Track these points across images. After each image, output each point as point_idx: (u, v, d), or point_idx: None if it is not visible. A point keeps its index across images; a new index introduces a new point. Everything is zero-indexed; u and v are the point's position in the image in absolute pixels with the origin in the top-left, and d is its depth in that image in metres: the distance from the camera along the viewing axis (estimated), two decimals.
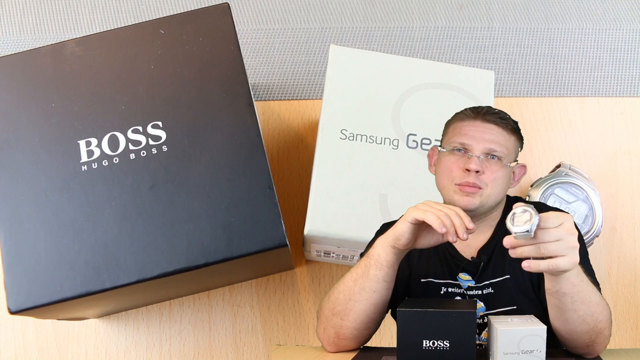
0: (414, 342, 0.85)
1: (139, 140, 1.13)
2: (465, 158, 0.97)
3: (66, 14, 1.62)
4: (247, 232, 1.09)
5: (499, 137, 0.97)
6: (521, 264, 0.79)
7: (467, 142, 0.97)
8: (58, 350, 1.39)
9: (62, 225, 1.09)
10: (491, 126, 0.98)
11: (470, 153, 0.96)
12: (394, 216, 1.21)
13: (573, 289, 0.83)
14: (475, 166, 0.95)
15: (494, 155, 0.97)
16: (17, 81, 1.15)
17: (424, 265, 1.02)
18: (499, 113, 1.00)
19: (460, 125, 1.00)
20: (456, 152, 0.98)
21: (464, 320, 0.84)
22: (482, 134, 0.97)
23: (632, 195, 1.49)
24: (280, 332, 1.41)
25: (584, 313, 0.86)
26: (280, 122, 1.53)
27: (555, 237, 0.76)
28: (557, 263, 0.77)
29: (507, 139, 0.98)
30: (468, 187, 0.95)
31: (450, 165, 0.97)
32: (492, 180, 0.96)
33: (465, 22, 1.63)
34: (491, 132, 0.97)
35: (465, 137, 0.98)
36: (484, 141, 0.97)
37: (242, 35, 1.60)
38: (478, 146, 0.97)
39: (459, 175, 0.96)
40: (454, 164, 0.97)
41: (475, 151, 0.96)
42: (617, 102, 1.56)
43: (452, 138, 0.99)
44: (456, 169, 0.97)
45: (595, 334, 0.88)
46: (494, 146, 0.97)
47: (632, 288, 1.45)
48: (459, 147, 0.97)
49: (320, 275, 1.44)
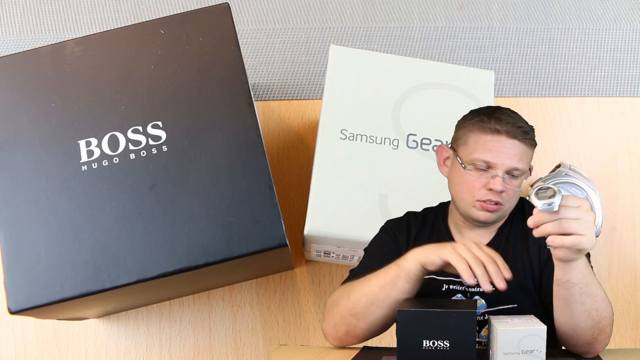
0: (414, 342, 0.85)
1: (139, 140, 1.13)
2: (488, 176, 0.95)
3: (66, 14, 1.62)
4: (247, 232, 1.09)
5: (521, 154, 0.96)
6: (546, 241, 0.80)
7: (492, 161, 0.95)
8: (58, 350, 1.39)
9: (62, 225, 1.09)
10: (515, 143, 0.95)
11: (494, 173, 0.95)
12: (394, 216, 1.21)
13: (582, 280, 0.84)
14: (501, 187, 0.94)
15: (515, 175, 0.96)
16: (17, 81, 1.15)
17: None
18: (522, 126, 0.97)
19: (484, 139, 0.96)
20: (479, 170, 0.96)
21: (464, 320, 0.84)
22: (507, 151, 0.95)
23: (632, 195, 1.49)
24: (280, 332, 1.41)
25: (590, 307, 0.86)
26: (280, 122, 1.53)
27: (576, 216, 0.78)
28: (579, 240, 0.78)
29: (528, 154, 0.97)
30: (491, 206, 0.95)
31: (472, 182, 0.96)
32: (512, 196, 0.97)
33: (465, 22, 1.63)
34: (514, 150, 0.95)
35: (489, 154, 0.95)
36: (508, 160, 0.95)
37: (242, 35, 1.60)
38: (503, 165, 0.95)
39: (482, 193, 0.96)
40: (477, 181, 0.96)
41: (500, 171, 0.95)
42: (617, 102, 1.56)
43: (475, 153, 0.96)
44: (479, 186, 0.96)
45: (599, 330, 0.88)
46: (517, 165, 0.95)
47: (632, 288, 1.45)
48: (483, 166, 0.96)
49: (320, 275, 1.44)
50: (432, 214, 1.08)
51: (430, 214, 1.08)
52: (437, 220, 1.06)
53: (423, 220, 1.07)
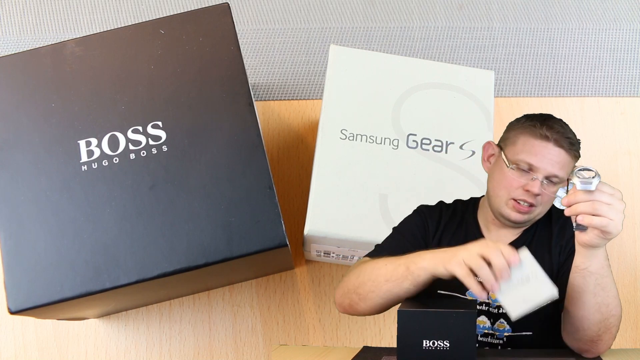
0: (414, 342, 0.85)
1: (139, 140, 1.13)
2: (528, 178, 0.98)
3: (66, 14, 1.62)
4: (247, 232, 1.09)
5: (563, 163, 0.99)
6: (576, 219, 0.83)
7: (535, 164, 0.98)
8: (58, 350, 1.39)
9: (62, 225, 1.09)
10: (561, 152, 0.99)
11: (535, 176, 0.98)
12: (394, 216, 1.21)
13: (600, 271, 0.86)
14: (538, 190, 0.97)
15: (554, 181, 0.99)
16: (17, 81, 1.15)
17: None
18: (570, 137, 1.00)
19: (532, 143, 0.99)
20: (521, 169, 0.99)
21: (464, 320, 0.84)
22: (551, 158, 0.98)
23: (632, 195, 1.49)
24: (280, 332, 1.41)
25: (602, 301, 0.88)
26: (280, 122, 1.53)
27: (608, 201, 0.82)
28: (607, 223, 0.81)
29: (569, 164, 1.00)
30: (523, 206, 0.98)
31: (511, 180, 0.99)
32: (547, 201, 0.99)
33: (465, 22, 1.63)
34: (559, 158, 0.98)
35: (534, 157, 0.98)
36: (550, 166, 0.98)
37: (242, 35, 1.60)
38: (544, 170, 0.98)
39: (518, 192, 0.99)
40: (516, 180, 0.99)
41: (540, 174, 0.98)
42: (617, 102, 1.56)
43: (521, 155, 0.99)
44: (517, 185, 0.99)
45: (605, 328, 0.89)
46: (558, 172, 0.98)
47: (632, 288, 1.45)
48: (525, 167, 0.99)
49: (320, 275, 1.44)
50: (462, 207, 1.10)
51: (460, 206, 1.10)
52: (467, 213, 1.08)
53: (454, 211, 1.09)
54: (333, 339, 1.40)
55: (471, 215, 1.07)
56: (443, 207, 1.10)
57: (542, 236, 1.04)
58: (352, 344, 1.39)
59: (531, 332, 1.01)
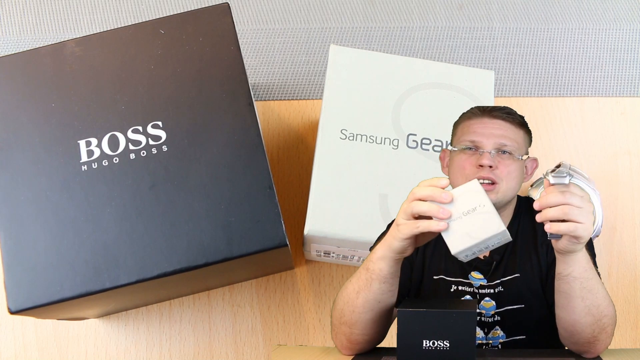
0: (414, 342, 0.85)
1: (139, 140, 1.13)
2: (477, 155, 0.97)
3: (66, 14, 1.62)
4: (247, 232, 1.09)
5: (508, 131, 0.98)
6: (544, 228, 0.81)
7: (477, 139, 0.98)
8: (58, 350, 1.39)
9: (62, 225, 1.09)
10: (499, 122, 0.99)
11: (482, 149, 0.97)
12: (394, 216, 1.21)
13: (584, 274, 0.85)
14: (488, 161, 0.95)
15: (505, 150, 0.97)
16: (17, 81, 1.15)
17: (436, 261, 1.02)
18: (505, 108, 1.01)
19: (469, 123, 1.00)
20: (467, 151, 0.98)
21: (464, 320, 0.84)
22: (491, 130, 0.98)
23: (632, 195, 1.49)
24: (280, 332, 1.41)
25: (591, 303, 0.87)
26: (280, 122, 1.53)
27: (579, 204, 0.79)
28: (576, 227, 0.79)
29: (516, 132, 0.99)
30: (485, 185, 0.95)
31: (462, 163, 0.98)
32: (506, 175, 0.97)
33: (465, 22, 1.63)
34: (500, 128, 0.98)
35: (474, 134, 0.98)
36: (493, 137, 0.97)
37: (242, 35, 1.60)
38: (488, 142, 0.97)
39: (472, 171, 0.96)
40: (466, 161, 0.97)
41: (487, 147, 0.97)
42: (617, 102, 1.56)
43: (462, 137, 1.00)
44: (469, 165, 0.97)
45: (599, 329, 0.88)
46: (504, 141, 0.97)
47: (632, 288, 1.45)
48: (470, 145, 0.98)
49: (320, 275, 1.44)
50: None
51: None
52: None
53: None
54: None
55: None
56: None
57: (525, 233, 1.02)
58: None
59: (524, 336, 1.00)
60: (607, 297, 0.88)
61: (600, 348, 0.91)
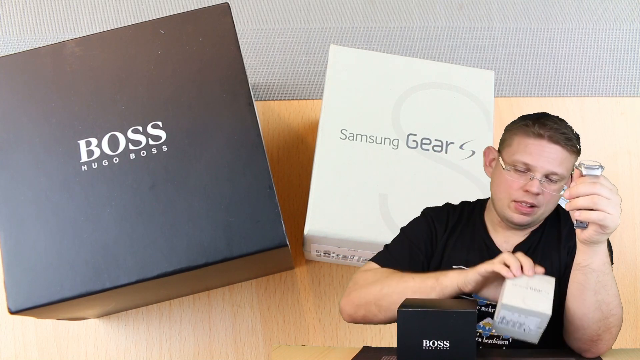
0: (414, 342, 0.85)
1: (139, 140, 1.13)
2: (526, 178, 0.98)
3: (66, 14, 1.62)
4: (247, 232, 1.09)
5: (561, 159, 0.97)
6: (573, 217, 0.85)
7: (532, 163, 0.97)
8: (58, 350, 1.39)
9: (62, 225, 1.09)
10: (557, 148, 0.97)
11: (532, 174, 0.97)
12: (394, 216, 1.21)
13: (601, 268, 0.87)
14: (537, 189, 0.96)
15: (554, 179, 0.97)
16: (17, 81, 1.15)
17: (458, 252, 1.04)
18: (565, 132, 0.98)
19: (526, 141, 0.98)
20: (518, 170, 0.98)
21: (464, 320, 0.84)
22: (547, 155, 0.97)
23: (632, 195, 1.49)
24: (280, 332, 1.41)
25: (602, 298, 0.88)
26: (280, 122, 1.53)
27: (608, 195, 0.82)
28: (605, 216, 0.82)
29: (569, 160, 0.98)
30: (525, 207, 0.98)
31: (510, 182, 0.99)
32: (549, 200, 0.98)
33: (465, 22, 1.63)
34: (555, 155, 0.97)
35: (529, 157, 0.97)
36: (547, 164, 0.97)
37: (242, 35, 1.60)
38: (541, 169, 0.97)
39: (518, 194, 0.98)
40: (515, 182, 0.98)
41: (538, 173, 0.97)
42: (617, 102, 1.56)
43: (516, 155, 0.99)
44: (516, 187, 0.98)
45: (605, 327, 0.89)
46: (556, 169, 0.97)
47: (632, 288, 1.45)
48: (522, 167, 0.98)
49: (320, 275, 1.44)
50: (468, 208, 1.10)
51: (467, 207, 1.10)
52: (474, 215, 1.08)
53: (460, 213, 1.09)
54: (333, 339, 1.40)
55: (478, 217, 1.07)
56: (450, 209, 1.10)
57: (550, 238, 1.03)
58: (352, 344, 1.39)
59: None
60: (617, 297, 0.90)
61: (602, 348, 0.92)
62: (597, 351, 0.92)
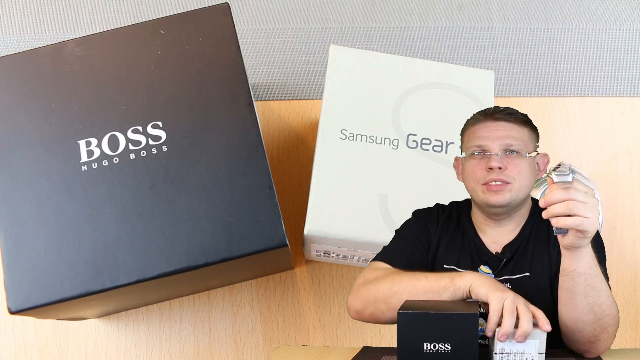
0: (414, 345, 0.84)
1: (139, 140, 1.13)
2: (485, 159, 0.99)
3: (66, 14, 1.62)
4: (247, 232, 1.09)
5: (512, 131, 1.00)
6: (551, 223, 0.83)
7: (483, 143, 1.00)
8: (58, 350, 1.39)
9: (62, 225, 1.09)
10: (502, 123, 1.00)
11: (489, 152, 0.99)
12: (394, 216, 1.21)
13: (588, 271, 0.86)
14: (497, 163, 0.97)
15: (512, 150, 0.99)
16: (17, 81, 1.15)
17: (449, 252, 1.04)
18: (507, 109, 1.02)
19: (473, 129, 1.02)
20: (476, 155, 1.00)
21: (466, 322, 0.83)
22: (496, 132, 1.00)
23: (632, 195, 1.49)
24: (280, 332, 1.41)
25: (593, 301, 0.88)
26: (280, 122, 1.53)
27: (583, 199, 0.81)
28: (582, 221, 0.81)
29: (521, 131, 1.01)
30: (495, 185, 0.98)
31: (472, 168, 1.00)
32: (517, 173, 0.99)
33: (465, 22, 1.63)
34: (504, 129, 1.00)
35: (480, 139, 1.00)
36: (499, 139, 0.99)
37: (242, 35, 1.60)
38: (494, 145, 0.99)
39: (482, 175, 0.99)
40: (476, 166, 1.00)
41: (493, 150, 0.99)
42: (617, 102, 1.56)
43: (469, 143, 1.02)
44: (479, 170, 0.99)
45: (601, 328, 0.89)
46: (509, 141, 0.99)
47: (632, 288, 1.45)
48: (478, 150, 1.00)
49: (320, 275, 1.44)
50: (456, 208, 1.10)
51: (455, 207, 1.10)
52: (462, 215, 1.08)
53: (449, 213, 1.09)
54: (333, 339, 1.40)
55: (465, 217, 1.08)
56: (439, 210, 1.11)
57: (539, 236, 1.03)
58: (352, 344, 1.39)
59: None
60: (610, 297, 0.89)
61: (601, 348, 0.91)
62: (596, 351, 0.92)
